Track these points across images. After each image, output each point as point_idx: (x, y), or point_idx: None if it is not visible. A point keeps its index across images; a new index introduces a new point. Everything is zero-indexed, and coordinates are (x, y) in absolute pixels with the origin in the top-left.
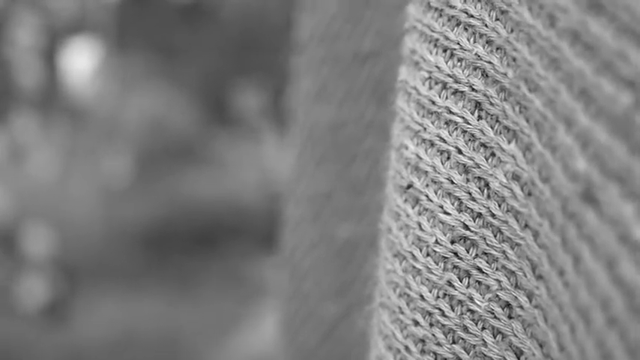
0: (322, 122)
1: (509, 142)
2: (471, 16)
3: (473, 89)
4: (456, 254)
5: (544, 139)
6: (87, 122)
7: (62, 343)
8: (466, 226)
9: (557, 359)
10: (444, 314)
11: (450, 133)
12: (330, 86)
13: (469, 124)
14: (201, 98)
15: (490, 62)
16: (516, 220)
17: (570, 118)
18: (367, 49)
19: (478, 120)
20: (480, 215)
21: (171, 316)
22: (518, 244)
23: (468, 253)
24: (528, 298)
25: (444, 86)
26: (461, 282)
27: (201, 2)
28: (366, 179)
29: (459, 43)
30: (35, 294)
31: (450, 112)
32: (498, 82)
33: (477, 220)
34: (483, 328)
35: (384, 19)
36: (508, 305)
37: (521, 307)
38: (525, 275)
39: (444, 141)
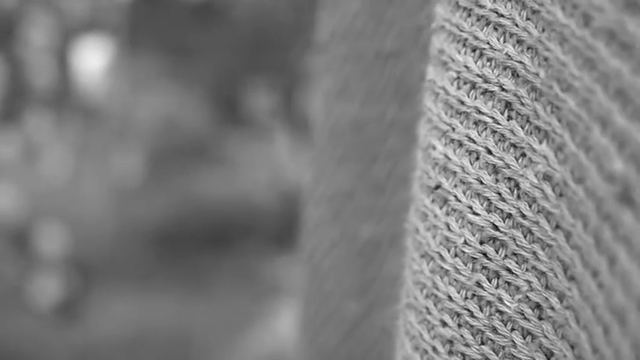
0: (343, 121)
1: (540, 143)
2: (501, 15)
3: (503, 89)
4: (485, 255)
5: (578, 139)
6: (99, 121)
7: (75, 342)
8: (495, 227)
9: None
10: (472, 315)
11: (480, 133)
12: (351, 85)
13: (499, 124)
14: (213, 97)
15: (521, 62)
16: (547, 220)
17: (606, 118)
18: (389, 47)
19: (508, 120)
20: (510, 216)
21: (183, 315)
22: (549, 245)
23: (498, 253)
24: (559, 299)
25: (473, 86)
26: (490, 283)
27: (213, 2)
28: (387, 179)
29: (488, 43)
30: (48, 292)
31: (480, 112)
32: (529, 82)
33: (506, 220)
34: (513, 329)
35: (407, 18)
36: (538, 306)
37: (552, 308)
38: (557, 276)
39: (473, 141)
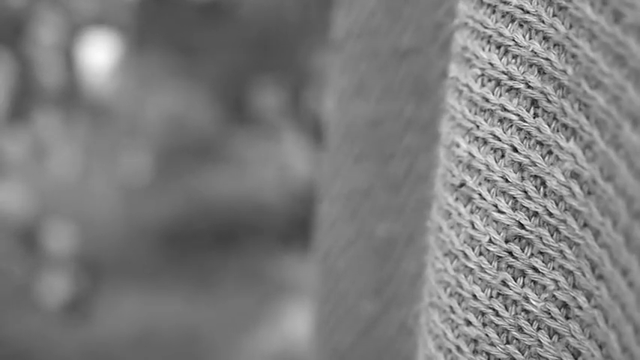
0: (360, 119)
1: (567, 140)
2: (527, 12)
3: (529, 86)
4: (510, 253)
5: (607, 136)
6: (107, 120)
7: (83, 340)
8: (521, 225)
9: None
10: (497, 314)
11: (505, 130)
12: (368, 83)
13: (525, 122)
14: (221, 96)
15: (548, 59)
16: (575, 219)
17: (637, 115)
18: (406, 45)
19: (534, 117)
20: (536, 214)
21: (190, 313)
22: (576, 244)
23: (524, 252)
24: (587, 299)
25: (498, 83)
26: (515, 281)
27: (220, 1)
28: (404, 177)
29: (514, 40)
30: (56, 291)
31: (505, 109)
32: (556, 79)
33: (532, 218)
34: (539, 329)
35: (424, 15)
36: (565, 305)
37: (580, 307)
38: (584, 275)
39: (498, 139)
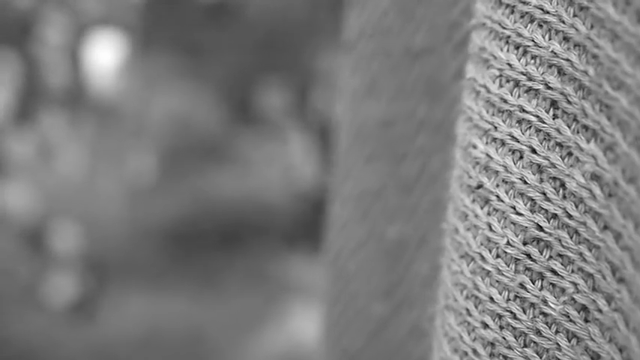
0: (371, 119)
1: (588, 142)
2: (547, 12)
3: (548, 87)
4: (528, 256)
5: (630, 138)
6: (113, 121)
7: (89, 340)
8: (540, 227)
9: None
10: (515, 317)
11: (523, 131)
12: (380, 83)
13: (544, 123)
14: (226, 97)
15: (568, 60)
16: (595, 221)
17: None
18: (419, 45)
19: (554, 119)
20: (556, 216)
21: (195, 314)
22: (596, 246)
23: (542, 254)
24: (607, 302)
25: (517, 84)
26: (534, 284)
27: (226, 1)
28: (417, 178)
29: (533, 40)
30: (63, 291)
31: (523, 110)
32: (577, 79)
33: (551, 221)
34: (557, 332)
35: (438, 15)
36: (585, 309)
37: (600, 310)
38: (605, 278)
39: (517, 140)
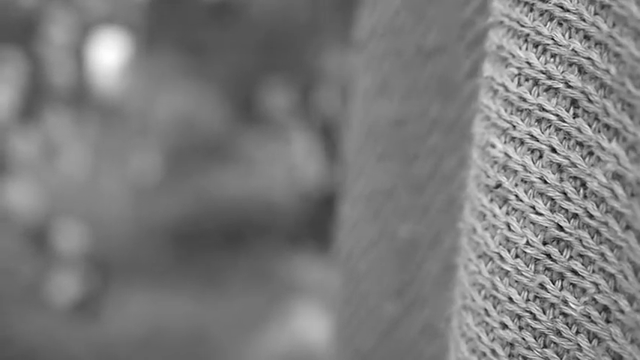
0: (383, 119)
1: (610, 141)
2: (567, 10)
3: (569, 86)
4: (548, 256)
5: None
6: (117, 120)
7: (92, 339)
8: (560, 227)
9: None
10: (535, 317)
11: (543, 131)
12: (391, 82)
13: (564, 122)
14: (230, 96)
15: (589, 58)
16: (617, 221)
17: None
18: (431, 44)
19: (574, 118)
20: (576, 216)
21: (199, 313)
22: (618, 246)
23: (562, 254)
24: (629, 302)
25: (536, 83)
26: (554, 285)
27: (229, 1)
28: (429, 178)
29: (552, 39)
30: (66, 290)
31: (543, 109)
32: (598, 78)
33: (572, 221)
34: (578, 332)
35: (450, 14)
36: (606, 309)
37: (622, 311)
38: (627, 278)
39: (536, 139)
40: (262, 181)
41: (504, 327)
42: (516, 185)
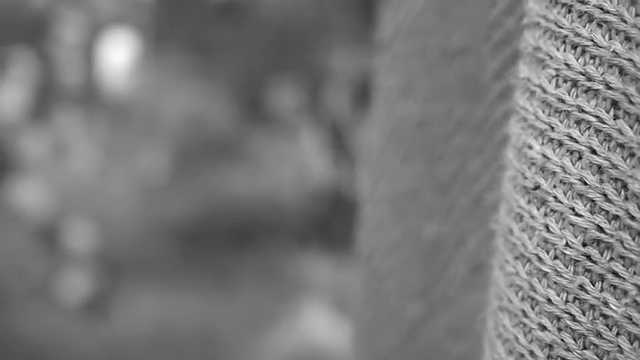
0: (406, 120)
1: None
2: (607, 12)
3: (609, 87)
4: (588, 257)
5: None
6: (126, 119)
7: (102, 338)
8: (601, 229)
9: None
10: (574, 319)
11: (582, 132)
12: (415, 83)
13: (604, 124)
14: (238, 95)
15: (630, 59)
16: None
17: None
18: (456, 45)
19: (614, 119)
20: (617, 217)
21: (207, 312)
22: None
23: (603, 256)
24: None
25: (575, 84)
26: (594, 286)
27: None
28: (454, 178)
29: (592, 40)
30: (76, 289)
31: (582, 110)
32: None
33: (612, 222)
34: (618, 334)
35: (475, 14)
36: None
37: None
38: None
39: (575, 141)
40: (271, 180)
41: (543, 328)
42: (555, 187)
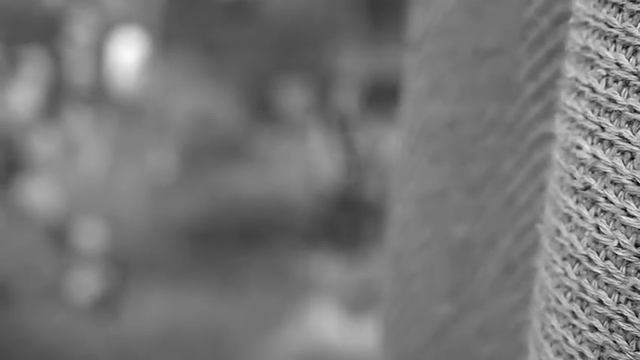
0: (436, 120)
1: None
2: None
3: None
4: None
5: None
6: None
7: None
8: None
9: None
10: (627, 320)
11: (634, 132)
12: (445, 83)
13: None
14: (246, 95)
15: None
16: None
17: None
18: (489, 44)
19: None
20: None
21: (215, 312)
22: None
23: None
24: None
25: (626, 84)
26: None
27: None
28: (485, 179)
29: None
30: (86, 288)
31: (634, 110)
32: None
33: None
34: None
35: (509, 13)
36: None
37: None
38: None
39: (627, 141)
40: (279, 179)
41: (594, 330)
42: (605, 187)
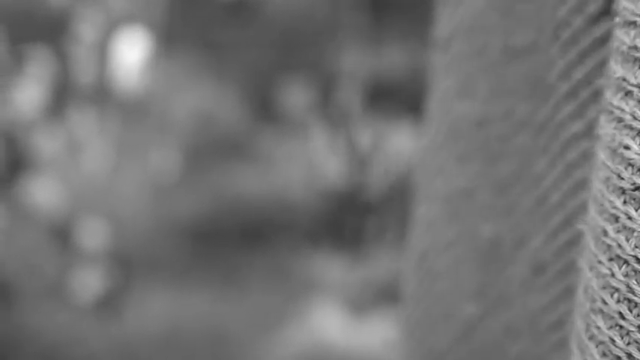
0: (464, 119)
1: None
2: None
3: None
4: None
5: None
6: (138, 117)
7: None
8: None
9: None
10: None
11: None
12: (474, 82)
13: None
14: (249, 94)
15: None
16: None
17: None
18: (519, 43)
19: None
20: None
21: (218, 311)
22: None
23: None
24: None
25: None
26: None
27: None
28: (515, 178)
29: None
30: (89, 287)
31: None
32: None
33: None
34: None
35: (540, 12)
36: None
37: None
38: None
39: None
40: (281, 179)
41: None
42: None
